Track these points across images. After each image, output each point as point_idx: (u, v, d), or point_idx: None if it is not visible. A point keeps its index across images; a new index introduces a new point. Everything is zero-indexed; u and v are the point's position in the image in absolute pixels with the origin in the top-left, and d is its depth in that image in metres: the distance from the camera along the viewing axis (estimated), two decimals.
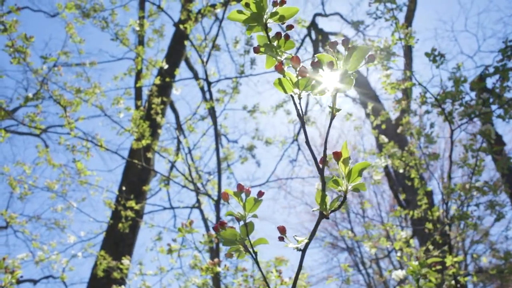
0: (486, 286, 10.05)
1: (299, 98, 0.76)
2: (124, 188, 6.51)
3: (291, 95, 0.76)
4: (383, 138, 4.35)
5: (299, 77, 0.73)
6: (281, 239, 0.85)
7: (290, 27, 0.83)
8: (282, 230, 0.86)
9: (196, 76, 7.77)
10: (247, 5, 0.80)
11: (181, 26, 4.62)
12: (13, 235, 10.93)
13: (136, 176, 7.53)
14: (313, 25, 11.26)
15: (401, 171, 4.39)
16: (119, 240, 7.08)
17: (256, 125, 6.67)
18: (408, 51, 7.30)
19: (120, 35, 4.53)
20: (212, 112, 4.90)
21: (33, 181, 5.00)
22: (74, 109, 4.51)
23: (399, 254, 3.87)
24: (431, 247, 3.62)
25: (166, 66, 4.74)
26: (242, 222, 0.94)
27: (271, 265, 4.16)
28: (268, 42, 0.80)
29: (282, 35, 0.80)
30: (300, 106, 0.76)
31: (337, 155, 0.76)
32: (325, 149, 0.77)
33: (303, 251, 0.84)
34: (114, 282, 5.31)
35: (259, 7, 0.79)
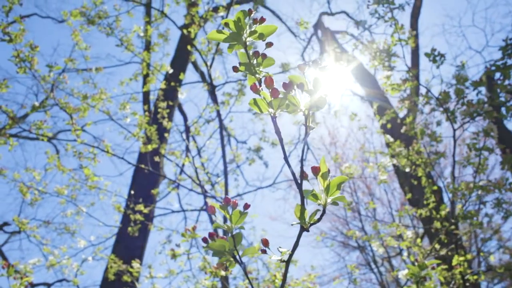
0: (497, 284, 9.96)
1: (275, 117, 0.78)
2: (133, 192, 6.56)
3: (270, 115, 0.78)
4: (389, 138, 4.35)
5: (273, 98, 0.75)
6: (264, 251, 0.88)
7: (269, 44, 0.85)
8: (265, 243, 0.88)
9: (203, 78, 7.80)
10: (226, 24, 0.82)
11: (184, 31, 4.66)
12: (27, 239, 11.07)
13: (145, 179, 7.59)
14: (319, 24, 11.25)
15: (407, 170, 4.39)
16: (130, 243, 7.15)
17: (264, 126, 6.69)
18: (415, 49, 7.26)
19: (124, 41, 4.57)
20: (217, 115, 4.94)
21: (43, 187, 5.06)
22: (81, 115, 4.57)
23: (405, 253, 3.87)
24: (437, 246, 3.61)
25: (171, 71, 4.78)
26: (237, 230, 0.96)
27: (280, 266, 4.18)
28: (248, 60, 0.82)
29: (260, 53, 0.82)
30: (276, 125, 0.78)
31: (315, 170, 0.78)
32: (302, 166, 0.79)
33: (287, 262, 0.86)
34: (125, 285, 5.37)
35: (237, 27, 0.81)
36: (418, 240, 3.98)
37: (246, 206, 0.91)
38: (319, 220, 0.80)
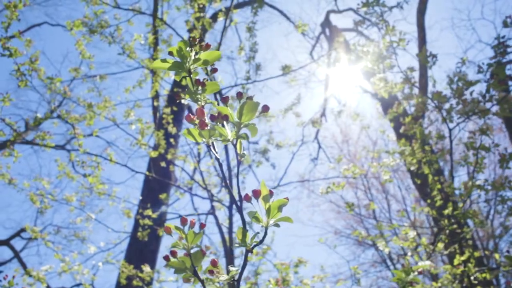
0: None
1: (208, 146, 0.80)
2: (145, 194, 6.65)
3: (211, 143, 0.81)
4: (392, 137, 4.34)
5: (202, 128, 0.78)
6: (211, 272, 0.90)
7: (214, 70, 0.87)
8: (214, 264, 0.90)
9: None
10: (170, 53, 0.84)
11: (185, 37, 4.71)
12: (44, 245, 11.24)
13: (157, 183, 7.66)
14: (327, 22, 11.22)
15: (411, 168, 4.36)
16: (143, 246, 7.24)
17: (270, 127, 6.71)
18: (423, 44, 7.20)
19: (126, 48, 4.62)
20: None
21: (53, 195, 5.15)
22: (88, 123, 4.65)
23: (409, 253, 3.86)
24: (440, 245, 3.59)
25: (173, 77, 4.83)
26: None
27: (290, 267, 4.20)
28: (192, 88, 0.84)
29: (202, 81, 0.85)
30: (215, 154, 0.80)
31: (256, 193, 0.80)
32: (239, 190, 0.81)
33: (238, 281, 0.88)
34: None
35: (180, 55, 0.84)
36: (423, 239, 3.96)
37: (202, 225, 0.94)
38: (261, 241, 0.82)
